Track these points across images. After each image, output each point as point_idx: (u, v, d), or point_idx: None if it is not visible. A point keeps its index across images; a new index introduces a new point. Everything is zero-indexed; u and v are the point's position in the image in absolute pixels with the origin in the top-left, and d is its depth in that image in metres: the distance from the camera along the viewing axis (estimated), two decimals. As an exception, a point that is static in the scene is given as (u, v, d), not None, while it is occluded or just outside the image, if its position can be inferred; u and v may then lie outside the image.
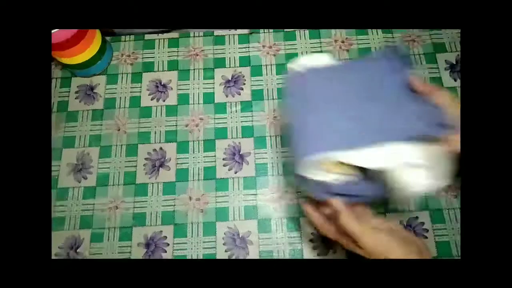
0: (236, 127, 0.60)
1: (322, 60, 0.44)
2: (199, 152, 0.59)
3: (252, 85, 0.63)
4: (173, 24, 0.62)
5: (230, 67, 0.65)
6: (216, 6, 0.50)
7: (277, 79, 0.63)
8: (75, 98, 0.63)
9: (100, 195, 0.57)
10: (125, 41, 0.67)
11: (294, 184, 0.55)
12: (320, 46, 0.66)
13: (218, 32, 0.66)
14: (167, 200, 0.57)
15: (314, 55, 0.46)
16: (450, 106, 0.36)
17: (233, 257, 0.53)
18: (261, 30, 0.66)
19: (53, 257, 0.54)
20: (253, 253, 0.54)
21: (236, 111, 0.62)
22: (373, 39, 0.65)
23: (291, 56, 0.65)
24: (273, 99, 0.62)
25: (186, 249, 0.54)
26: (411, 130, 0.35)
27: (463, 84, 0.35)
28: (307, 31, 0.66)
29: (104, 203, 0.57)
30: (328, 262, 0.41)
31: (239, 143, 0.60)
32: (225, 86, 0.63)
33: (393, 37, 0.65)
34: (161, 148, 0.60)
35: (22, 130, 0.35)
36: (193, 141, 0.60)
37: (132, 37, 0.67)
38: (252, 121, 0.61)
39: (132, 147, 0.60)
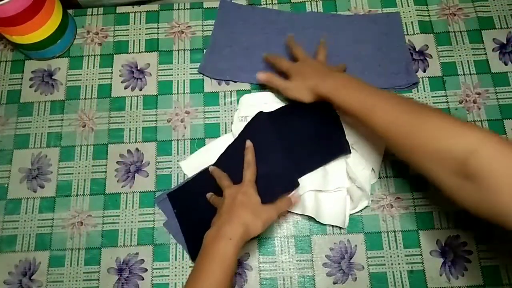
0: (231, 122, 0.58)
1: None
2: (184, 153, 0.57)
3: (251, 69, 0.60)
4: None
5: (224, 47, 0.62)
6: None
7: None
8: (30, 87, 0.61)
9: (60, 208, 0.55)
10: (92, 14, 0.64)
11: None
12: (336, 21, 0.64)
13: (208, 3, 0.63)
14: (145, 214, 0.54)
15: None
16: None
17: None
18: (263, 1, 0.63)
19: (0, 286, 0.52)
20: (252, 281, 0.51)
21: (231, 102, 0.59)
22: (403, 12, 0.62)
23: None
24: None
25: (168, 276, 0.51)
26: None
27: None
28: (320, 2, 0.63)
29: (65, 218, 0.55)
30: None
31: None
32: (217, 71, 0.61)
33: (427, 10, 0.62)
34: (137, 149, 0.58)
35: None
36: (177, 140, 0.57)
37: (101, 9, 0.64)
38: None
39: (101, 148, 0.58)
